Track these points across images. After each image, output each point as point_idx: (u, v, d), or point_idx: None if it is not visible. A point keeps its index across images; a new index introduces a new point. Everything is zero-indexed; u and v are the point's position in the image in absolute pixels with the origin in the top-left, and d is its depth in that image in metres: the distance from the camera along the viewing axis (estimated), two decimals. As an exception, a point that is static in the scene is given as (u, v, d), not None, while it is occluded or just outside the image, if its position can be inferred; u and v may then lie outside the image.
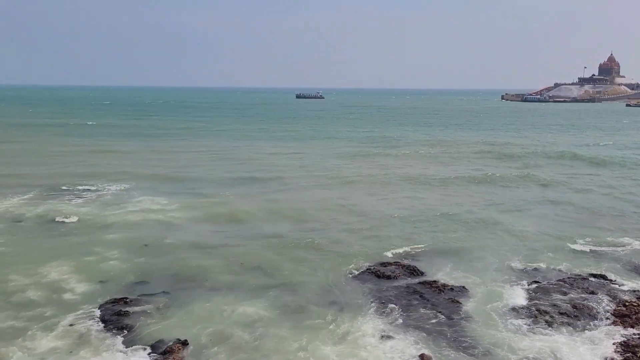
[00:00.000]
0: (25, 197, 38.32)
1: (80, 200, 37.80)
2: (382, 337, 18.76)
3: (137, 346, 17.97)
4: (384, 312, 20.70)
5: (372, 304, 21.39)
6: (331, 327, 19.45)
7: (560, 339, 18.69)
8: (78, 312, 20.27)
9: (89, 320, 19.68)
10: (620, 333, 19.12)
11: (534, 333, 19.16)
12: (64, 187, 41.84)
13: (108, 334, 18.69)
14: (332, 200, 39.28)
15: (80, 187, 42.02)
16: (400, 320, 20.00)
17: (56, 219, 32.47)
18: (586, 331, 19.31)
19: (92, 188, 41.95)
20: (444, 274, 24.75)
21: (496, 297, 22.21)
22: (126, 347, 17.89)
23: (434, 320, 20.02)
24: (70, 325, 19.26)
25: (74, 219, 32.61)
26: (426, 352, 17.74)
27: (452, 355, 17.69)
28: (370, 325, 19.61)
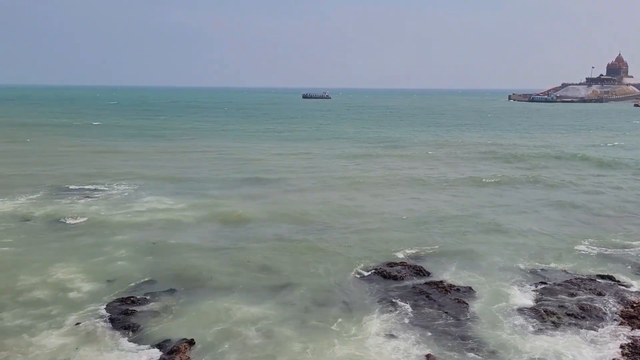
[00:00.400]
0: (33, 196, 38.57)
1: (87, 200, 38.01)
2: (388, 337, 18.75)
3: (144, 345, 18.05)
4: (389, 312, 20.69)
5: (378, 304, 21.37)
6: (337, 327, 19.47)
7: (566, 340, 18.60)
8: (85, 311, 20.40)
9: (96, 319, 19.79)
10: (628, 334, 19.02)
11: (540, 334, 19.08)
12: (71, 187, 42.11)
13: (114, 333, 18.78)
14: (338, 201, 39.29)
15: (87, 187, 42.27)
16: (406, 321, 19.98)
17: (64, 219, 32.67)
18: (593, 332, 19.21)
19: (100, 188, 42.17)
20: (450, 275, 24.70)
21: (502, 297, 22.15)
22: (133, 346, 17.98)
23: (440, 321, 19.98)
24: (77, 323, 19.38)
25: (82, 218, 32.81)
26: (432, 352, 17.72)
27: (458, 356, 17.64)
28: (375, 325, 19.60)
